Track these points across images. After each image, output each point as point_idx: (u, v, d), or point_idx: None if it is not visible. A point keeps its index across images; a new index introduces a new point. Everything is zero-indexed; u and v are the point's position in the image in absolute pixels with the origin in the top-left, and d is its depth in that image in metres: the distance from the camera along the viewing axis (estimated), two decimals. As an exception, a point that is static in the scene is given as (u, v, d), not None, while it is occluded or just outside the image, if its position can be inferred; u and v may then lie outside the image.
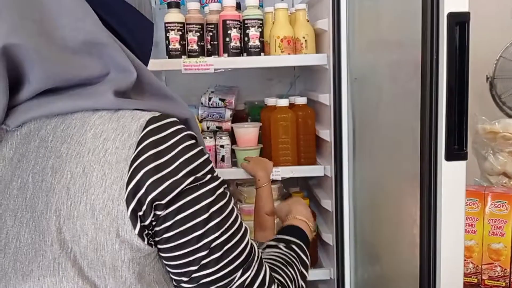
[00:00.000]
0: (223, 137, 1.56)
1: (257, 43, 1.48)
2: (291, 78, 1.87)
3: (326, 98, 1.44)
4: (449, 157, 0.87)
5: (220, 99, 1.64)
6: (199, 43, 1.51)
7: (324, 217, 1.63)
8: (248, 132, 1.54)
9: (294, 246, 0.83)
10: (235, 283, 0.63)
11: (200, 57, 1.49)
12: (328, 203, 1.51)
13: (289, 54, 1.47)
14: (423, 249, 0.95)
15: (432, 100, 0.88)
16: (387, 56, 1.16)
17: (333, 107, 1.39)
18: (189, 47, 1.51)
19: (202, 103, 1.66)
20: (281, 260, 0.78)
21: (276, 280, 0.69)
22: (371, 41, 1.27)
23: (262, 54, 1.50)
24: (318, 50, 1.52)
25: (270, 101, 1.57)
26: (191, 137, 0.61)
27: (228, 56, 1.49)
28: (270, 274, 0.69)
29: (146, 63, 0.72)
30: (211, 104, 1.65)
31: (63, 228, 0.56)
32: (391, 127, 1.14)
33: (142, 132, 0.57)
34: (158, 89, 0.66)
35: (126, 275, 0.58)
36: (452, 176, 0.88)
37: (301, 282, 0.78)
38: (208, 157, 0.62)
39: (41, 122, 0.60)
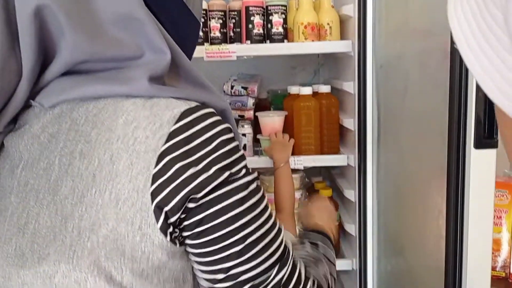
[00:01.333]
0: (245, 126, 1.55)
1: (281, 29, 1.46)
2: (315, 66, 1.84)
3: (350, 86, 1.41)
4: (478, 145, 0.84)
5: (242, 87, 1.63)
6: (221, 30, 1.50)
7: (347, 207, 1.61)
8: (273, 121, 1.52)
9: (320, 249, 0.81)
10: (272, 280, 0.60)
11: (223, 44, 1.48)
12: (351, 193, 1.49)
13: (313, 41, 1.45)
14: (449, 241, 0.92)
15: (462, 86, 0.85)
16: (415, 43, 1.13)
17: (357, 95, 1.36)
18: (212, 34, 1.50)
19: (224, 91, 1.65)
20: (311, 258, 0.75)
21: (311, 276, 0.67)
22: (398, 27, 1.23)
23: (285, 41, 1.48)
24: (343, 37, 1.48)
25: (293, 89, 1.54)
26: (229, 130, 0.58)
27: (251, 43, 1.47)
28: (306, 269, 0.66)
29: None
30: (234, 93, 1.64)
31: (84, 216, 0.55)
32: (417, 115, 1.10)
33: (175, 124, 0.55)
34: (194, 76, 0.63)
35: (144, 267, 0.56)
36: (481, 165, 0.85)
37: (332, 283, 0.74)
38: (243, 153, 0.60)
39: (73, 103, 0.58)
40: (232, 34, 1.52)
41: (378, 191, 1.40)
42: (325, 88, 1.53)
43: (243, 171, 0.58)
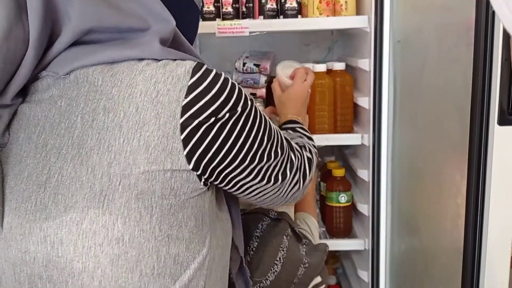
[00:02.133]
0: (257, 104, 1.52)
1: (294, 4, 1.42)
2: (329, 43, 1.80)
3: (365, 63, 1.38)
4: (502, 121, 0.81)
5: (254, 65, 1.59)
6: (234, 5, 1.47)
7: (360, 187, 1.59)
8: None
9: (297, 128, 1.01)
10: (290, 161, 0.77)
11: (235, 19, 1.44)
12: (364, 173, 1.46)
13: (327, 16, 1.41)
14: (469, 221, 0.90)
15: (486, 60, 0.81)
16: (434, 17, 1.09)
17: (373, 72, 1.32)
18: (224, 10, 1.47)
19: (236, 69, 1.61)
20: (294, 136, 0.96)
21: (302, 146, 0.89)
22: (416, 1, 1.19)
23: (299, 16, 1.44)
24: (358, 12, 1.44)
25: (307, 67, 1.51)
26: (228, 79, 0.66)
27: (264, 18, 1.44)
28: (297, 144, 0.87)
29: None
30: (246, 70, 1.61)
31: (113, 163, 0.59)
32: (436, 91, 1.07)
33: (191, 78, 0.61)
34: (187, 50, 0.70)
35: (172, 202, 0.61)
36: (505, 142, 0.82)
37: (314, 149, 0.94)
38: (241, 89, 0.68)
39: (87, 69, 0.62)
40: (244, 9, 1.49)
41: (392, 170, 1.37)
42: (339, 65, 1.49)
43: (249, 103, 0.67)
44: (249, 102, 0.67)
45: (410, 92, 1.23)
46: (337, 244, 1.55)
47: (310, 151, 0.90)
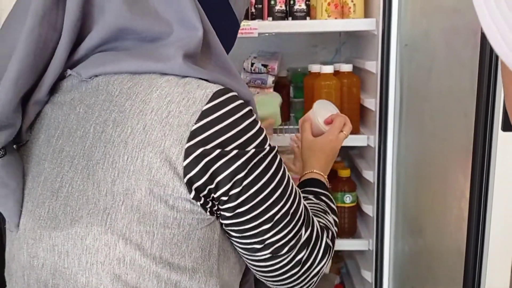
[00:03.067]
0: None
1: (303, 6, 1.44)
2: (337, 44, 1.81)
3: (373, 66, 1.39)
4: (506, 127, 0.82)
5: (262, 65, 1.61)
6: (243, 6, 1.48)
7: (365, 188, 1.61)
8: None
9: (323, 197, 0.85)
10: (301, 238, 0.67)
11: (244, 20, 1.46)
12: (370, 174, 1.48)
13: (336, 18, 1.42)
14: (472, 224, 0.91)
15: (492, 65, 0.83)
16: (441, 21, 1.10)
17: (380, 75, 1.33)
18: (233, 10, 1.48)
19: (244, 69, 1.63)
20: (317, 208, 0.80)
21: (324, 226, 0.74)
22: (424, 5, 1.20)
23: (307, 18, 1.46)
24: (367, 14, 1.45)
25: (314, 68, 1.52)
26: (251, 112, 0.61)
27: (273, 20, 1.45)
28: (318, 222, 0.73)
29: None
30: (254, 70, 1.63)
31: (117, 181, 0.57)
32: (442, 95, 1.08)
33: (207, 103, 0.57)
34: (223, 62, 0.65)
35: (175, 233, 0.58)
36: (508, 148, 0.83)
37: (335, 228, 0.80)
38: (265, 132, 0.63)
39: (109, 77, 0.61)
40: (253, 10, 1.50)
41: (397, 172, 1.39)
42: (346, 67, 1.50)
43: (267, 148, 0.61)
44: (267, 147, 0.61)
45: (416, 95, 1.25)
46: (341, 244, 1.56)
47: (332, 237, 0.75)
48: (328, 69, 1.46)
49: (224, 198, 0.60)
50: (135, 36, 0.61)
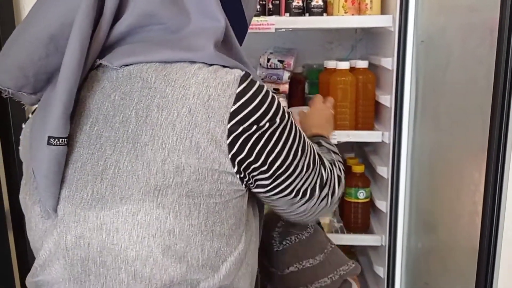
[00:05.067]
0: (281, 99, 1.56)
1: (320, 2, 1.45)
2: (352, 41, 1.82)
3: (388, 62, 1.40)
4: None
5: (279, 61, 1.63)
6: (261, 2, 1.50)
7: (379, 184, 1.61)
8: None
9: (324, 143, 0.96)
10: (324, 177, 0.78)
11: (262, 16, 1.48)
12: (383, 170, 1.49)
13: (352, 15, 1.43)
14: (485, 219, 0.92)
15: (509, 62, 0.83)
16: (458, 18, 1.11)
17: (395, 71, 1.34)
18: (251, 6, 1.50)
19: (260, 64, 1.65)
20: (323, 150, 0.92)
21: (331, 161, 0.86)
22: (441, 2, 1.21)
23: (324, 14, 1.47)
24: (383, 11, 1.46)
25: (330, 64, 1.54)
26: (269, 90, 0.69)
27: (290, 15, 1.47)
28: (326, 158, 0.84)
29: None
30: (270, 66, 1.64)
31: (167, 160, 0.62)
32: (458, 92, 1.09)
33: (239, 86, 0.64)
34: (237, 52, 0.73)
35: (217, 201, 0.65)
36: (524, 143, 0.84)
37: (342, 166, 0.90)
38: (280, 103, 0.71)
39: (141, 66, 0.66)
40: (271, 6, 1.52)
41: (412, 168, 1.39)
42: (362, 64, 1.51)
43: (287, 115, 0.70)
44: (286, 115, 0.70)
45: (432, 92, 1.25)
46: (354, 239, 1.57)
47: (340, 169, 0.89)
48: (344, 65, 1.47)
49: (264, 168, 0.68)
50: (160, 26, 0.66)
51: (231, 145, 0.64)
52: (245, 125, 0.64)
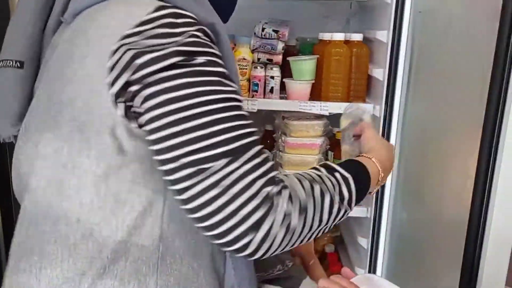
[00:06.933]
0: (274, 68, 1.56)
1: (319, -28, 1.44)
2: (347, 15, 1.82)
3: (384, 35, 1.40)
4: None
5: (273, 30, 1.62)
6: (259, -32, 1.48)
7: (366, 158, 1.63)
8: (300, 88, 1.52)
9: (337, 174, 0.69)
10: (219, 170, 0.57)
11: (259, -17, 1.46)
12: (373, 143, 1.50)
13: (350, -14, 1.43)
14: (477, 190, 0.94)
15: (511, 36, 0.84)
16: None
17: (390, 44, 1.35)
18: (249, -28, 1.48)
19: (255, 33, 1.64)
20: (311, 177, 0.66)
21: (287, 185, 0.62)
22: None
23: (322, -16, 1.46)
24: (381, -16, 1.46)
25: (326, 36, 1.54)
26: (193, 28, 0.61)
27: (288, -17, 1.46)
28: (280, 179, 0.62)
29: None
30: (264, 35, 1.63)
31: (64, 91, 0.63)
32: (456, 64, 1.10)
33: (147, 13, 0.60)
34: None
35: (108, 142, 0.61)
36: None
37: (327, 206, 0.65)
38: (211, 52, 0.61)
39: (86, 11, 0.67)
40: (268, -27, 1.50)
41: (401, 141, 1.41)
42: (357, 36, 1.52)
43: (201, 60, 0.59)
44: (202, 60, 0.59)
45: (428, 65, 1.26)
46: (340, 210, 1.59)
47: (321, 208, 0.64)
48: (340, 36, 1.47)
49: (142, 92, 0.58)
50: None
51: (111, 70, 0.59)
52: (134, 46, 0.58)
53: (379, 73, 1.45)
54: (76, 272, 0.62)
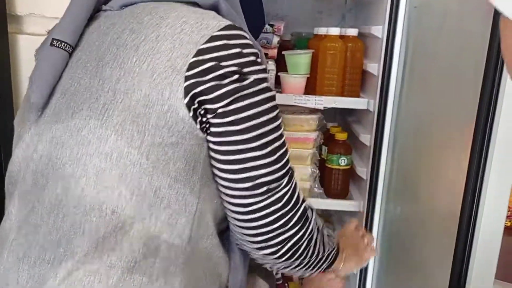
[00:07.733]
0: (269, 62, 1.56)
1: (315, -34, 1.44)
2: (342, 11, 1.82)
3: (379, 30, 1.41)
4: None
5: (269, 25, 1.62)
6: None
7: (359, 152, 1.64)
8: (295, 82, 1.52)
9: (324, 231, 0.83)
10: (282, 188, 0.68)
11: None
12: (366, 138, 1.51)
13: (346, -19, 1.43)
14: (468, 187, 0.94)
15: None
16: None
17: (385, 39, 1.36)
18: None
19: (250, 27, 1.64)
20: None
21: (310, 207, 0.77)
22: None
23: (318, -21, 1.46)
24: (376, -21, 1.47)
25: (321, 30, 1.54)
26: (256, 52, 0.67)
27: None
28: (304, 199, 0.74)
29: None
30: (259, 29, 1.63)
31: (121, 80, 0.62)
32: (450, 60, 1.11)
33: (218, 31, 0.63)
34: (234, 4, 0.74)
35: (164, 136, 0.61)
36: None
37: (320, 247, 0.79)
38: (267, 75, 0.68)
39: (136, 4, 0.70)
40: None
41: (394, 136, 1.42)
42: (352, 31, 1.52)
43: (265, 84, 0.65)
44: (265, 84, 0.65)
45: (422, 60, 1.27)
46: (333, 204, 1.60)
47: (319, 241, 0.78)
48: (335, 31, 1.48)
49: (220, 110, 0.63)
50: None
51: (188, 78, 0.61)
52: (210, 65, 0.61)
53: (374, 68, 1.46)
54: (102, 265, 0.61)
